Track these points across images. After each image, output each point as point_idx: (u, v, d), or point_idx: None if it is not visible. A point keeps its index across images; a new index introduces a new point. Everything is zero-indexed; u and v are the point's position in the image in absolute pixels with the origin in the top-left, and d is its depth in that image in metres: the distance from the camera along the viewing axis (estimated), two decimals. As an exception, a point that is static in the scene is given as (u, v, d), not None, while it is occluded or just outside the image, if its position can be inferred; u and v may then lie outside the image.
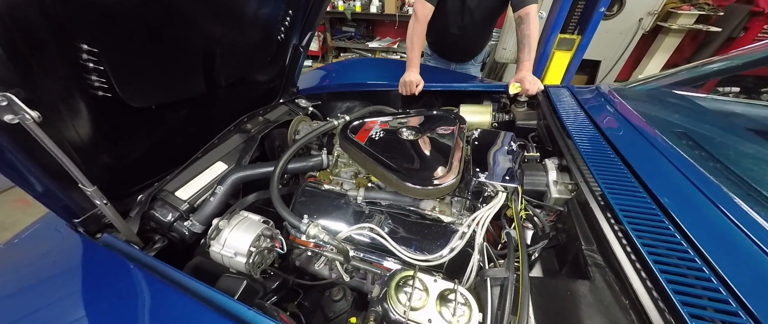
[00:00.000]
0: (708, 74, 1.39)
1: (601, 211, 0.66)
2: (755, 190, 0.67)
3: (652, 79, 1.40)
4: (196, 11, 0.93)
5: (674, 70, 1.36)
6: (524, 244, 0.69)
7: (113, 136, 0.87)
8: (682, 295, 0.47)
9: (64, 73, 0.65)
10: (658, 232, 0.58)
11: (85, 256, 0.77)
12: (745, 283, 0.48)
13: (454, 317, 0.53)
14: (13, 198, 2.39)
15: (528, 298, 0.55)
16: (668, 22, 3.48)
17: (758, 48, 1.32)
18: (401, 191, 0.83)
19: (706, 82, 1.46)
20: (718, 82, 2.99)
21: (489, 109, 1.31)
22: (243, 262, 0.81)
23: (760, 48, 1.30)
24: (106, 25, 0.68)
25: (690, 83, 1.35)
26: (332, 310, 0.90)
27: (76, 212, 0.78)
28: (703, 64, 1.23)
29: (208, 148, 1.15)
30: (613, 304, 0.53)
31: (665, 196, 0.64)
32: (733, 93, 3.37)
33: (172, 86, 0.99)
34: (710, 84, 2.33)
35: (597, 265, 0.59)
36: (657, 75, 1.38)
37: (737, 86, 3.40)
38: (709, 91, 1.60)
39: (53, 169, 0.67)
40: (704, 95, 1.22)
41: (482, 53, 2.09)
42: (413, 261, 0.78)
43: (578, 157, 0.83)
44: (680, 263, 0.53)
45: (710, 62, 1.35)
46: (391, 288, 0.60)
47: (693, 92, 1.22)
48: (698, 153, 0.81)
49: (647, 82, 1.40)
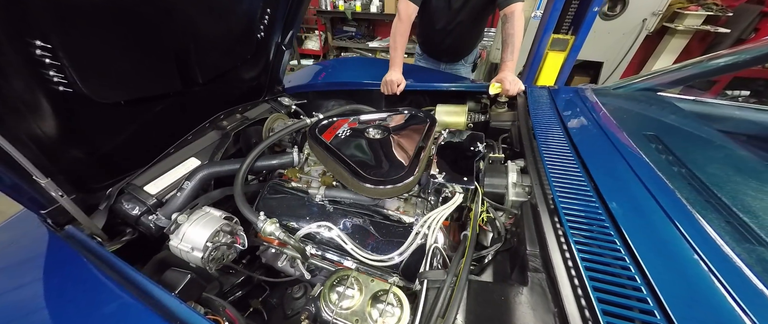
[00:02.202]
0: (699, 74, 1.33)
1: (548, 214, 0.64)
2: (715, 196, 0.64)
3: (640, 79, 1.36)
4: (164, 2, 0.93)
5: (662, 69, 1.32)
6: (472, 247, 0.68)
7: (80, 131, 0.89)
8: (606, 303, 0.46)
9: (18, 68, 0.66)
10: (599, 238, 0.56)
11: (49, 247, 0.80)
12: (674, 295, 0.46)
13: (380, 317, 0.53)
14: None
15: (459, 302, 0.54)
16: (674, 23, 3.36)
17: (755, 46, 1.26)
18: (357, 190, 0.83)
19: (701, 84, 1.40)
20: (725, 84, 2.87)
21: (465, 109, 1.29)
22: (199, 256, 0.82)
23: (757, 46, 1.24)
24: (61, 18, 0.69)
25: (679, 83, 1.30)
26: (291, 307, 0.90)
27: (42, 204, 0.81)
28: (686, 65, 1.18)
29: (181, 144, 1.16)
30: (542, 311, 0.51)
31: (614, 201, 0.62)
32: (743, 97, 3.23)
33: (142, 82, 1.00)
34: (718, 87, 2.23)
35: (536, 269, 0.58)
36: (645, 75, 1.33)
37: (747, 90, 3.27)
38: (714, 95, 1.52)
39: (10, 163, 0.69)
40: (687, 97, 1.17)
41: (472, 54, 2.07)
42: (365, 260, 0.77)
43: (538, 159, 0.81)
44: (615, 271, 0.51)
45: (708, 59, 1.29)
46: (326, 287, 0.60)
47: (674, 94, 1.17)
48: (664, 157, 0.78)
49: (634, 82, 1.35)
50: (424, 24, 1.86)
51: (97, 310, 0.55)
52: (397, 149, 0.94)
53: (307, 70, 2.21)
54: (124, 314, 0.54)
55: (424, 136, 0.98)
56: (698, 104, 1.17)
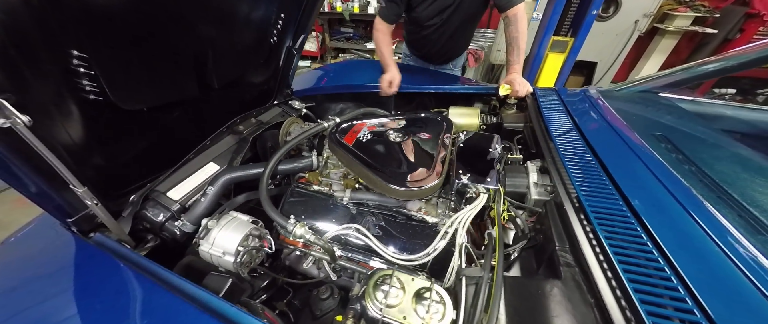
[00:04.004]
0: (696, 77, 1.40)
1: (575, 212, 0.68)
2: (725, 192, 0.69)
3: (639, 82, 1.42)
4: (188, 14, 0.95)
5: (661, 73, 1.38)
6: (501, 245, 0.72)
7: (105, 138, 0.89)
8: (642, 293, 0.50)
9: (56, 77, 0.67)
10: (626, 233, 0.60)
11: (78, 254, 0.80)
12: (702, 282, 0.50)
13: (427, 314, 0.56)
14: (12, 197, 2.42)
15: (500, 297, 0.57)
16: (664, 23, 3.49)
17: (746, 50, 1.33)
18: (385, 193, 0.86)
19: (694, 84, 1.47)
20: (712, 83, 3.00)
21: (477, 111, 1.33)
22: (231, 261, 0.84)
23: (748, 50, 1.31)
24: (96, 30, 0.70)
25: (676, 86, 1.37)
26: (319, 308, 0.92)
27: (68, 212, 0.81)
28: (690, 67, 1.25)
29: (200, 150, 1.17)
30: (579, 302, 0.55)
31: (636, 198, 0.66)
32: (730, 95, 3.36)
33: (164, 89, 1.01)
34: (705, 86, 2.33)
35: (568, 264, 0.62)
36: (644, 78, 1.39)
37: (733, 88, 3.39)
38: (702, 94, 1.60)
39: (45, 171, 0.70)
40: (687, 98, 1.24)
41: (461, 58, 2.09)
42: (396, 260, 0.80)
43: (558, 159, 0.85)
44: (644, 263, 0.55)
45: (705, 63, 1.36)
46: (370, 286, 0.62)
47: (677, 95, 1.23)
48: (675, 156, 0.83)
49: (634, 84, 1.41)
50: (412, 29, 1.84)
51: (157, 316, 0.57)
52: (419, 152, 0.96)
53: (310, 75, 2.21)
54: (184, 317, 0.55)
55: (443, 138, 1.01)
56: (697, 105, 1.23)
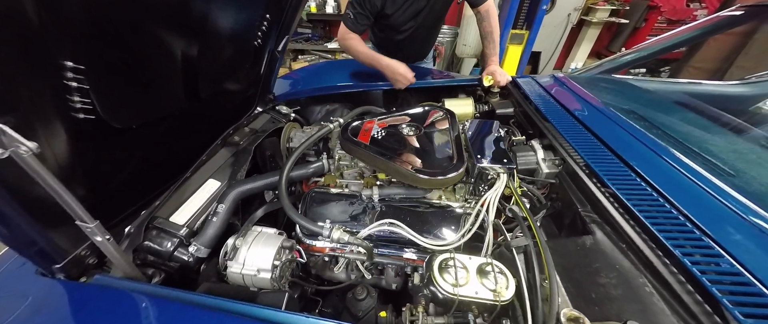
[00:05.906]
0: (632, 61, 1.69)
1: (588, 177, 0.80)
2: (690, 149, 0.87)
3: (593, 67, 1.66)
4: (173, 21, 0.86)
5: (612, 57, 1.64)
6: (530, 215, 0.80)
7: (95, 161, 0.77)
8: (663, 232, 0.61)
9: (48, 95, 0.57)
10: (634, 188, 0.73)
11: (79, 302, 0.68)
12: (699, 215, 0.63)
13: (497, 285, 0.61)
14: None
15: (550, 258, 0.64)
16: (589, 16, 4.08)
17: (659, 40, 1.64)
18: (417, 184, 0.89)
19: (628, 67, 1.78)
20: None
21: (471, 101, 1.42)
22: (268, 277, 0.79)
23: (660, 40, 1.61)
24: (91, 39, 0.61)
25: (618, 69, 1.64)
26: (360, 308, 0.92)
27: (53, 258, 0.69)
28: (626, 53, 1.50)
29: (197, 167, 1.07)
30: (614, 249, 0.65)
31: (633, 159, 0.80)
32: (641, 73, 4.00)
33: (154, 102, 0.91)
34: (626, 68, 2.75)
35: (595, 222, 0.72)
36: (597, 63, 1.64)
37: (644, 68, 4.03)
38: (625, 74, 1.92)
39: (34, 208, 0.59)
40: (634, 78, 1.49)
41: (430, 54, 2.22)
42: (433, 247, 0.84)
43: (559, 135, 0.97)
44: (655, 207, 0.67)
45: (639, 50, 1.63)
46: (434, 271, 0.65)
47: (623, 76, 1.48)
48: (645, 123, 1.01)
49: (589, 70, 1.65)
50: (386, 36, 1.87)
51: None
52: (436, 142, 1.01)
53: (285, 80, 2.12)
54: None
55: (453, 128, 1.07)
56: (644, 82, 1.50)
